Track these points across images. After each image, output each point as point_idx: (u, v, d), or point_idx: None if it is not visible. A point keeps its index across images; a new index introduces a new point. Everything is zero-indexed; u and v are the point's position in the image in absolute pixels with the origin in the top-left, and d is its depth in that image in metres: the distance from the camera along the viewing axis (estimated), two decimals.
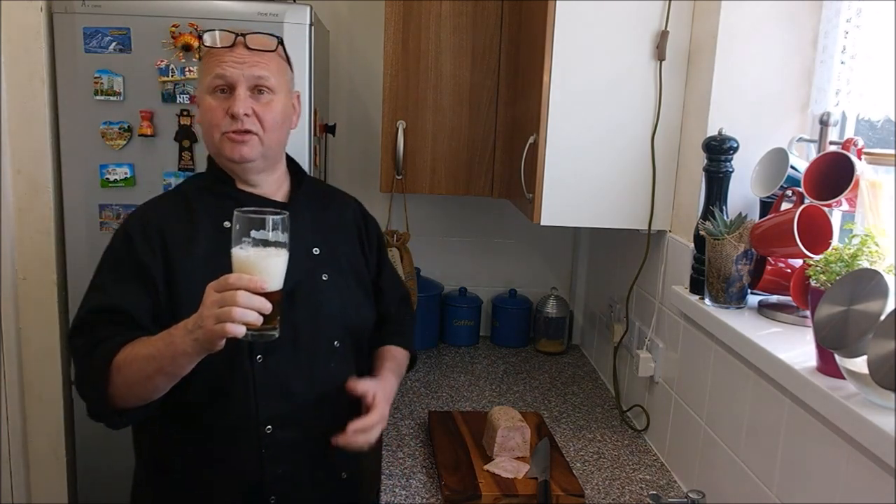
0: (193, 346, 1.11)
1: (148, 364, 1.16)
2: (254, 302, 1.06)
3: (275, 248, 1.10)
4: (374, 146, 2.34)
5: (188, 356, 1.13)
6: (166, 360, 1.15)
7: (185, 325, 1.12)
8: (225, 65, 1.27)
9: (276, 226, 1.10)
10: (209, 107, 1.29)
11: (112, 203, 1.99)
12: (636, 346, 1.85)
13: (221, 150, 1.30)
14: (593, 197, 1.70)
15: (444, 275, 2.54)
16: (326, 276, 1.38)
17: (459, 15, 2.04)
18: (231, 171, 1.35)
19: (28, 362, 2.09)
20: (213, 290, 1.08)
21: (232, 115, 1.26)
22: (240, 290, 1.05)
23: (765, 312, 1.38)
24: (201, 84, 1.32)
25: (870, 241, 1.12)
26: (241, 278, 1.06)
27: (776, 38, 1.50)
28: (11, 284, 2.04)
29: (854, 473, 1.01)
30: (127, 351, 1.19)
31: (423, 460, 1.62)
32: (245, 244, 1.09)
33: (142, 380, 1.18)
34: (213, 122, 1.29)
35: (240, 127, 1.27)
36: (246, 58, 1.28)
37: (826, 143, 1.38)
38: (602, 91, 1.66)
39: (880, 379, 0.90)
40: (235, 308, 1.04)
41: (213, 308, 1.06)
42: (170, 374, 1.17)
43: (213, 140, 1.31)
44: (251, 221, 1.08)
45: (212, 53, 1.29)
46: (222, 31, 1.29)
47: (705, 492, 1.35)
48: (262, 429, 1.30)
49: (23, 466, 2.12)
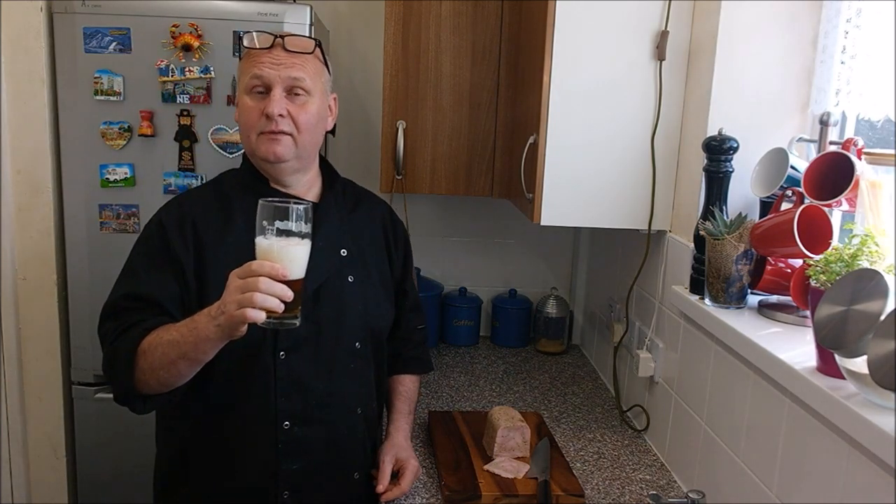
0: (216, 331, 1.13)
1: (171, 349, 1.19)
2: (275, 289, 1.08)
3: (298, 237, 1.13)
4: (374, 146, 2.34)
5: (211, 342, 1.16)
6: (189, 345, 1.17)
7: (209, 312, 1.15)
8: (262, 66, 1.30)
9: (299, 216, 1.12)
10: (246, 107, 1.32)
11: (112, 203, 1.99)
12: (636, 346, 1.85)
13: (256, 150, 1.34)
14: (593, 197, 1.70)
15: (444, 275, 2.54)
16: (352, 278, 1.42)
17: (459, 15, 2.04)
18: (265, 170, 1.39)
19: (28, 362, 2.10)
20: (236, 277, 1.11)
21: (267, 116, 1.30)
22: (262, 276, 1.08)
23: (765, 312, 1.38)
24: (240, 84, 1.35)
25: (870, 241, 1.12)
26: (262, 265, 1.09)
27: (776, 38, 1.50)
28: (11, 284, 2.04)
29: (854, 473, 1.01)
30: (152, 336, 1.22)
31: (423, 460, 1.62)
32: (269, 233, 1.11)
33: (165, 364, 1.20)
34: (250, 122, 1.32)
35: (274, 127, 1.30)
36: (283, 59, 1.31)
37: (826, 143, 1.38)
38: (602, 91, 1.66)
39: (880, 379, 0.90)
40: (256, 294, 1.06)
41: (236, 294, 1.09)
42: (192, 359, 1.20)
43: (249, 139, 1.34)
44: (275, 211, 1.11)
45: (250, 54, 1.33)
46: (261, 32, 1.33)
47: (705, 492, 1.35)
48: (281, 424, 1.33)
49: (23, 466, 2.12)
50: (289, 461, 1.35)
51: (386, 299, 1.51)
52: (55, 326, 2.08)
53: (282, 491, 1.35)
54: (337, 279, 1.39)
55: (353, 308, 1.40)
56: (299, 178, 1.41)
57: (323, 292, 1.36)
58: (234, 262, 1.22)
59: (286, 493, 1.35)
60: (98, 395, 2.06)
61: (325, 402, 1.37)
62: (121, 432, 2.06)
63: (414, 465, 1.46)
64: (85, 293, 2.02)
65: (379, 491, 1.41)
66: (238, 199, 1.38)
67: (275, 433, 1.33)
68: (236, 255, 1.28)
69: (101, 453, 2.11)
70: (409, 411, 1.59)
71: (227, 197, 1.39)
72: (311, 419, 1.36)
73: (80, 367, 2.07)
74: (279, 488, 1.35)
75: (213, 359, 1.21)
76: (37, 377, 2.10)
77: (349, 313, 1.40)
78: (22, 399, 2.10)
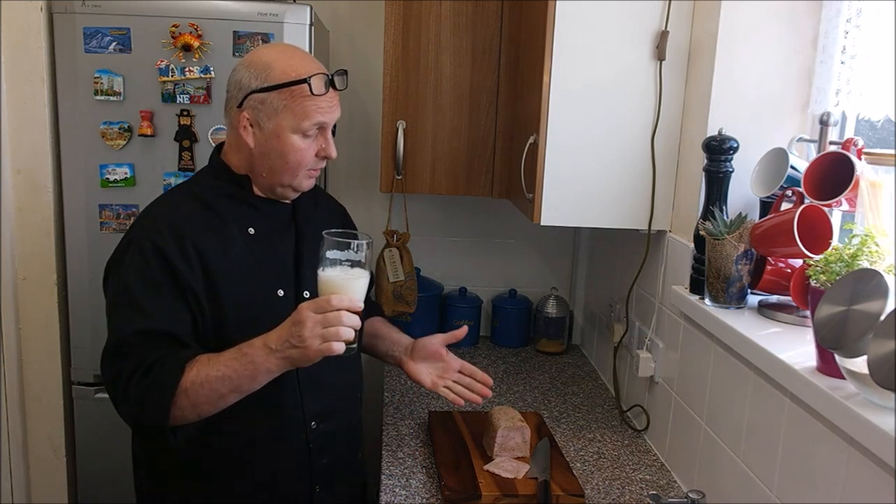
0: (280, 364, 1.17)
1: (222, 384, 1.19)
2: (353, 321, 1.15)
3: (360, 268, 1.19)
4: (374, 146, 2.34)
5: (271, 374, 1.19)
6: (245, 379, 1.19)
7: (266, 345, 1.17)
8: (323, 111, 1.31)
9: (359, 248, 1.18)
10: (299, 148, 1.32)
11: (112, 203, 2.00)
12: (636, 346, 1.85)
13: (298, 185, 1.37)
14: (593, 197, 1.70)
15: (444, 275, 2.53)
16: None
17: (459, 15, 2.04)
18: (273, 191, 1.38)
19: (28, 362, 2.10)
20: (312, 312, 1.14)
21: (326, 158, 1.35)
22: (342, 311, 1.13)
23: (765, 312, 1.38)
24: (287, 120, 1.29)
25: (870, 241, 1.12)
26: (342, 300, 1.14)
27: (776, 38, 1.50)
28: (11, 284, 2.04)
29: (854, 473, 1.01)
30: (194, 373, 1.19)
31: (423, 460, 1.62)
32: (335, 265, 1.17)
33: (213, 399, 1.21)
34: (304, 161, 1.33)
35: (322, 166, 1.37)
36: (334, 101, 1.34)
37: (826, 143, 1.38)
38: (602, 91, 1.66)
39: (880, 379, 0.90)
40: (341, 328, 1.13)
41: (317, 328, 1.13)
42: (245, 391, 1.21)
43: (294, 175, 1.35)
44: (340, 244, 1.17)
45: (308, 97, 1.29)
46: (323, 75, 1.30)
47: (705, 492, 1.35)
48: (309, 424, 1.38)
49: (23, 466, 2.12)
50: (319, 457, 1.41)
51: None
52: (55, 326, 2.08)
53: (315, 486, 1.41)
54: None
55: None
56: None
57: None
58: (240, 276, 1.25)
59: (318, 488, 1.42)
60: (98, 395, 2.07)
61: (340, 396, 1.44)
62: (121, 432, 2.03)
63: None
64: (85, 293, 2.02)
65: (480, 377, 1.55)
66: (225, 209, 1.35)
67: (306, 434, 1.38)
68: (240, 268, 1.30)
69: (101, 453, 2.11)
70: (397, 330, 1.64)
71: (214, 208, 1.34)
72: (333, 413, 1.42)
73: (80, 367, 2.07)
74: (313, 484, 1.41)
75: None
76: (37, 377, 2.10)
77: None
78: (22, 399, 2.10)
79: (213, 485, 1.37)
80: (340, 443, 1.46)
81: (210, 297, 1.28)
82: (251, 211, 1.37)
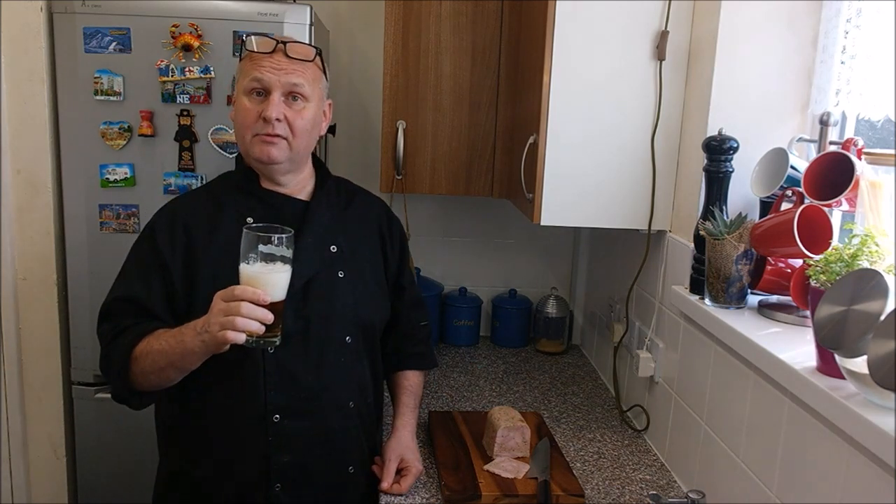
0: (201, 346, 1.21)
1: (161, 358, 1.26)
2: (256, 313, 1.16)
3: (280, 262, 1.19)
4: (374, 146, 2.34)
5: (196, 355, 1.24)
6: (176, 356, 1.25)
7: (195, 326, 1.22)
8: (263, 69, 1.33)
9: (280, 242, 1.19)
10: (243, 108, 1.35)
11: (112, 203, 1.99)
12: (636, 346, 1.85)
13: (251, 151, 1.37)
14: (593, 197, 1.70)
15: (444, 275, 2.54)
16: (343, 273, 1.44)
17: (459, 15, 2.04)
18: (258, 169, 1.42)
19: (28, 362, 2.10)
20: (220, 299, 1.18)
21: (264, 119, 1.33)
22: (244, 301, 1.15)
23: (765, 312, 1.38)
24: (238, 84, 1.38)
25: (870, 241, 1.12)
26: (245, 290, 1.16)
27: (776, 38, 1.50)
28: (11, 284, 2.04)
29: (854, 473, 1.01)
30: (144, 344, 1.29)
31: (423, 460, 1.62)
32: (251, 259, 1.18)
33: (155, 371, 1.28)
34: (246, 123, 1.35)
35: (270, 131, 1.34)
36: (284, 65, 1.34)
37: (826, 143, 1.38)
38: (602, 91, 1.66)
39: (880, 379, 0.90)
40: (238, 318, 1.14)
41: (219, 316, 1.16)
42: (180, 367, 1.28)
43: (243, 140, 1.38)
44: (258, 238, 1.18)
45: (252, 57, 1.35)
46: (264, 36, 1.36)
47: (705, 492, 1.35)
48: (271, 417, 1.36)
49: (23, 466, 2.12)
50: (279, 454, 1.37)
51: (380, 295, 1.52)
52: (55, 326, 2.08)
53: (273, 484, 1.37)
54: (327, 275, 1.42)
55: (342, 303, 1.42)
56: (291, 178, 1.44)
57: (312, 287, 1.39)
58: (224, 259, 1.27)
59: (278, 486, 1.37)
60: (98, 395, 2.06)
61: (315, 396, 1.39)
62: (121, 432, 2.06)
63: (418, 468, 1.48)
64: (85, 293, 2.02)
65: (384, 488, 1.43)
66: (228, 198, 1.42)
67: (265, 426, 1.36)
68: (225, 252, 1.31)
69: (101, 453, 2.11)
70: (415, 406, 1.60)
71: (218, 197, 1.43)
72: (301, 412, 1.38)
73: (80, 367, 2.07)
74: (271, 481, 1.37)
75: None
76: (37, 377, 2.10)
77: (339, 308, 1.42)
78: (22, 399, 2.10)
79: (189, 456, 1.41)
80: (311, 446, 1.39)
81: (186, 275, 1.35)
82: (254, 201, 1.41)
